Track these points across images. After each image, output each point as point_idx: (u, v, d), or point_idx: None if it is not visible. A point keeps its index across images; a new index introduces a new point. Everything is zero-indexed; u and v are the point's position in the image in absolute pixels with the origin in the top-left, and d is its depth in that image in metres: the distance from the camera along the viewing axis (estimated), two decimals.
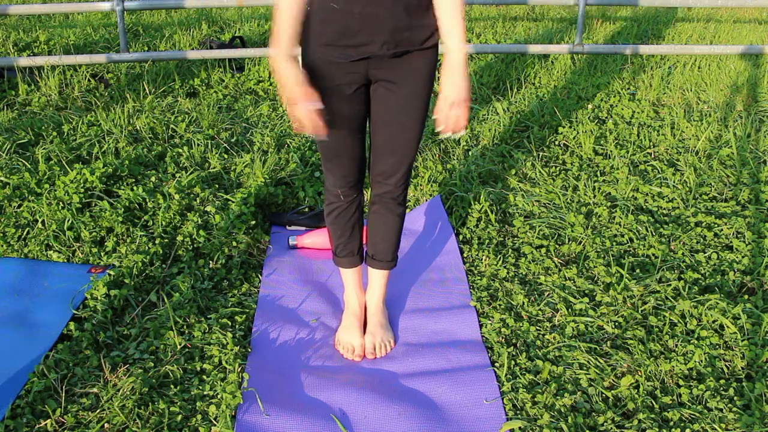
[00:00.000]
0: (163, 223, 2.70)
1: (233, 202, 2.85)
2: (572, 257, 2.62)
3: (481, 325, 2.25)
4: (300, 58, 1.88)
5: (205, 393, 1.94)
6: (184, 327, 2.20)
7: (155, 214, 2.77)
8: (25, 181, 2.92)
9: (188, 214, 2.76)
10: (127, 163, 3.09)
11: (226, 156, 3.34)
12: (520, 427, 1.83)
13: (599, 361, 2.07)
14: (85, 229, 2.64)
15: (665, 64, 4.99)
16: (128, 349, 2.10)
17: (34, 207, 2.75)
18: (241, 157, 3.30)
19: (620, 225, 2.81)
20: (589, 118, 3.91)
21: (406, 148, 1.98)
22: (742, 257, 2.58)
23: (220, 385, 1.95)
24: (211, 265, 2.52)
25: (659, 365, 2.04)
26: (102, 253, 2.56)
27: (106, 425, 1.81)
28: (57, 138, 3.44)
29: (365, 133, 2.01)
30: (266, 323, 2.25)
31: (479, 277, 2.50)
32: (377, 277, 2.23)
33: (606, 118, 3.96)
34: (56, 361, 2.01)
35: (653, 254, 2.61)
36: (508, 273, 2.53)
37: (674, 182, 3.14)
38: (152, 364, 2.02)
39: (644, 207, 2.97)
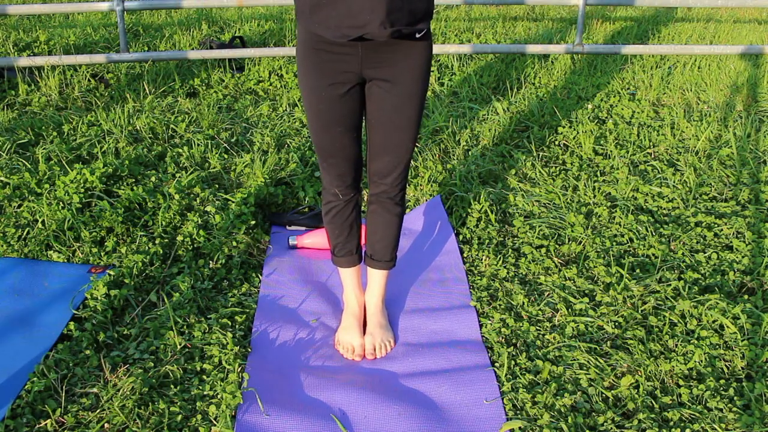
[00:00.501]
0: (163, 223, 2.70)
1: (233, 202, 2.85)
2: (572, 257, 2.62)
3: (481, 325, 2.25)
4: (296, 51, 1.89)
5: (205, 393, 1.94)
6: (184, 327, 2.20)
7: (155, 214, 2.77)
8: (25, 181, 2.92)
9: (188, 214, 2.76)
10: (127, 163, 3.09)
11: (226, 156, 3.34)
12: (520, 427, 1.83)
13: (599, 361, 2.06)
14: (85, 229, 2.64)
15: (665, 64, 4.99)
16: (128, 349, 2.10)
17: (34, 207, 2.75)
18: (241, 157, 3.30)
19: (620, 225, 2.81)
20: (589, 118, 3.91)
21: (400, 147, 1.98)
22: (742, 257, 2.58)
23: (220, 385, 1.95)
24: (211, 265, 2.52)
25: (659, 365, 2.04)
26: (102, 253, 2.56)
27: (106, 425, 1.81)
28: (57, 138, 3.44)
29: (360, 132, 2.01)
30: (266, 323, 2.25)
31: (479, 277, 2.50)
32: (376, 277, 2.22)
33: (606, 118, 3.96)
34: (56, 361, 2.01)
35: (653, 254, 2.61)
36: (508, 273, 2.53)
37: (674, 182, 3.14)
38: (152, 364, 2.02)
39: (644, 207, 2.97)
